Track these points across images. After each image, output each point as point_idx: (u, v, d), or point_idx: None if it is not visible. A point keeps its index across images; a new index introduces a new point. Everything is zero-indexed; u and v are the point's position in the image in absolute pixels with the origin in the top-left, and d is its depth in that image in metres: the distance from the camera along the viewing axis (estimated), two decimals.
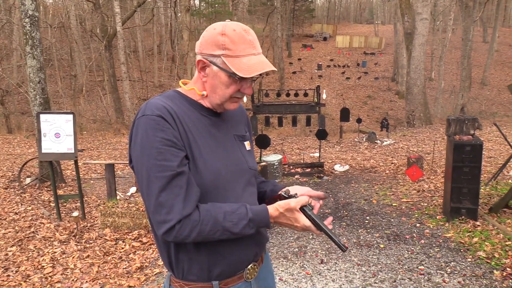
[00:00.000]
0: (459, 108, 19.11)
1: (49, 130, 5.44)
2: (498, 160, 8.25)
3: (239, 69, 1.27)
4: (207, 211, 1.25)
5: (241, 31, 1.30)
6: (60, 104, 21.55)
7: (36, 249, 4.75)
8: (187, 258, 1.35)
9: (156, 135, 1.23)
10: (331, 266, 4.08)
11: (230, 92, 1.34)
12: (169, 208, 1.21)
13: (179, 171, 1.23)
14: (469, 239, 4.47)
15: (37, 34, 6.95)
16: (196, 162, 1.30)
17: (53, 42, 23.71)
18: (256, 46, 1.32)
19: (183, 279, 1.38)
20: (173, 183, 1.22)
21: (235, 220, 1.26)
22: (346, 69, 34.62)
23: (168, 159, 1.23)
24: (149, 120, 1.25)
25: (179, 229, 1.22)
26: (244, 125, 1.60)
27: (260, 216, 1.30)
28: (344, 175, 8.36)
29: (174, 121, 1.28)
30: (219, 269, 1.36)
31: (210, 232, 1.25)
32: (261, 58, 1.32)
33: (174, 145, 1.25)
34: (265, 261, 1.58)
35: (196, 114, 1.38)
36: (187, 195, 1.23)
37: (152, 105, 1.29)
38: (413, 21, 16.03)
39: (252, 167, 1.49)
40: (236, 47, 1.28)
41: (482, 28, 41.54)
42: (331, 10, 63.34)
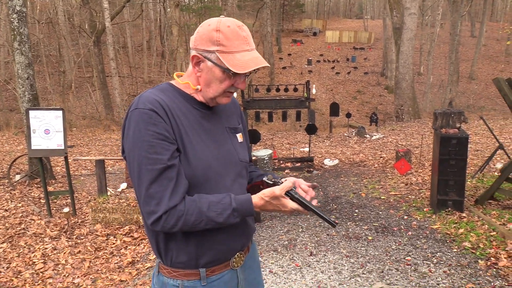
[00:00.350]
0: (447, 102, 19.32)
1: (38, 127, 5.43)
2: (484, 153, 8.39)
3: (233, 65, 1.30)
4: (192, 201, 1.29)
5: (235, 28, 1.32)
6: (49, 100, 21.36)
7: (27, 245, 4.75)
8: (175, 247, 1.40)
9: (147, 128, 1.27)
10: (320, 258, 4.15)
11: (224, 87, 1.37)
12: (158, 200, 1.26)
13: (169, 164, 1.27)
14: (455, 230, 4.57)
15: (25, 30, 6.90)
16: (187, 154, 1.34)
17: (41, 38, 23.46)
18: (250, 42, 1.35)
19: (171, 266, 1.43)
20: (163, 175, 1.27)
21: (219, 210, 1.30)
22: (335, 64, 34.74)
23: (159, 152, 1.27)
24: (141, 114, 1.28)
25: (165, 219, 1.27)
26: (237, 117, 1.63)
27: (244, 205, 1.33)
28: (334, 169, 8.44)
29: (166, 114, 1.31)
30: (206, 258, 1.41)
31: (195, 222, 1.29)
32: (254, 54, 1.35)
33: (165, 138, 1.28)
34: (252, 251, 1.62)
35: (188, 107, 1.41)
36: (176, 187, 1.28)
37: (145, 99, 1.32)
38: (401, 16, 16.16)
39: (243, 159, 1.52)
40: (230, 43, 1.31)
41: (470, 23, 41.91)
42: (320, 5, 63.36)
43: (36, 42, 22.70)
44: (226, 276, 1.48)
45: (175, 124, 1.33)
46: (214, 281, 1.44)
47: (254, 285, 1.62)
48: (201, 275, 1.42)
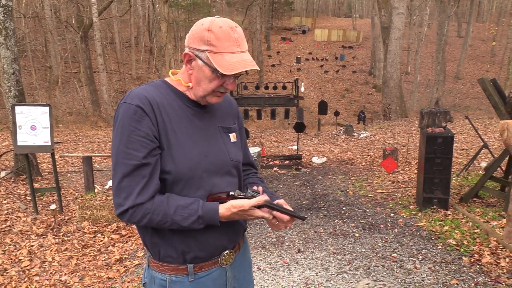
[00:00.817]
0: (433, 101, 19.54)
1: (24, 123, 5.36)
2: (469, 152, 8.52)
3: (220, 65, 1.31)
4: (161, 202, 1.32)
5: (227, 29, 1.33)
6: (35, 96, 21.06)
7: (13, 242, 4.70)
8: (162, 242, 1.42)
9: (130, 124, 1.30)
10: (308, 255, 4.19)
11: (212, 86, 1.38)
12: (127, 194, 1.30)
13: (144, 162, 1.30)
14: (440, 228, 4.65)
15: (10, 24, 6.80)
16: (173, 150, 1.35)
17: (26, 32, 23.11)
18: (241, 44, 1.36)
19: (160, 260, 1.46)
20: (136, 172, 1.30)
21: (185, 215, 1.32)
22: (324, 62, 34.87)
23: (136, 148, 1.30)
24: (127, 108, 1.32)
25: (131, 213, 1.31)
26: (232, 117, 1.63)
27: (209, 214, 1.34)
28: (322, 167, 8.50)
29: (153, 111, 1.33)
30: (194, 254, 1.43)
31: (161, 222, 1.32)
32: (244, 56, 1.35)
33: (146, 136, 1.31)
34: (243, 250, 1.64)
35: (180, 104, 1.43)
36: (146, 185, 1.31)
37: (135, 94, 1.35)
38: (389, 15, 16.29)
39: (234, 159, 1.52)
40: (220, 44, 1.31)
41: (457, 23, 42.40)
42: (310, 3, 63.45)
43: (22, 37, 22.36)
44: (215, 273, 1.49)
45: (162, 121, 1.35)
46: (202, 277, 1.46)
47: (243, 284, 1.63)
48: (189, 270, 1.44)
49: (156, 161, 1.33)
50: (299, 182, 7.29)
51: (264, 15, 37.07)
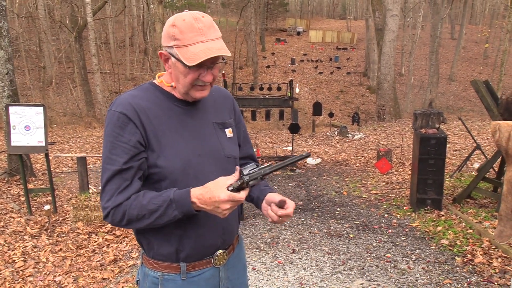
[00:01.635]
0: (427, 102, 19.67)
1: (18, 123, 5.34)
2: (463, 153, 8.59)
3: (186, 58, 1.30)
4: (136, 196, 1.33)
5: (191, 20, 1.32)
6: (29, 96, 20.95)
7: (6, 243, 4.68)
8: (156, 239, 1.43)
9: (114, 130, 1.33)
10: (303, 255, 4.21)
11: (188, 81, 1.36)
12: (109, 197, 1.33)
13: (124, 167, 1.32)
14: (434, 228, 4.68)
15: (4, 24, 6.77)
16: (164, 151, 1.36)
17: (20, 32, 22.98)
18: (207, 32, 1.32)
19: (153, 257, 1.46)
20: (118, 176, 1.32)
21: (159, 202, 1.30)
22: (319, 63, 34.98)
23: (118, 154, 1.32)
24: (112, 115, 1.35)
25: (112, 214, 1.33)
26: (228, 111, 1.61)
27: (182, 195, 1.29)
28: (316, 168, 8.53)
29: (138, 116, 1.34)
30: (186, 252, 1.43)
31: (139, 216, 1.31)
32: (209, 45, 1.31)
33: (127, 142, 1.32)
34: (237, 251, 1.63)
35: (169, 105, 1.43)
36: (127, 187, 1.33)
37: (120, 101, 1.37)
38: (383, 17, 16.37)
39: (229, 155, 1.51)
40: (184, 36, 1.31)
41: (450, 25, 42.70)
42: (304, 4, 63.65)
43: (16, 37, 22.23)
44: (207, 273, 1.49)
45: (150, 124, 1.36)
46: (195, 276, 1.46)
47: (237, 286, 1.63)
48: (182, 269, 1.44)
49: (139, 165, 1.34)
50: (293, 183, 7.32)
51: (259, 16, 37.12)
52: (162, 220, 1.31)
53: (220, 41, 1.36)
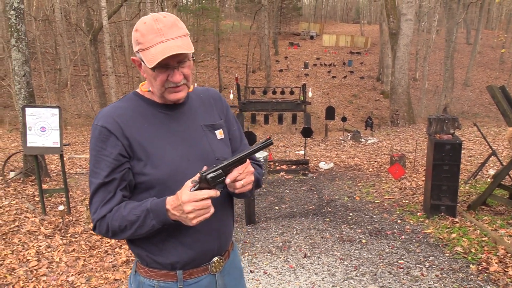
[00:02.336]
0: (442, 108, 19.45)
1: (34, 124, 5.42)
2: (478, 160, 8.46)
3: (147, 60, 1.29)
4: (118, 208, 1.33)
5: (151, 22, 1.30)
6: (44, 98, 21.26)
7: (21, 243, 4.74)
8: (152, 247, 1.41)
9: (96, 144, 1.35)
10: (314, 260, 4.18)
11: (159, 83, 1.35)
12: (95, 210, 1.34)
13: (106, 180, 1.33)
14: (448, 235, 4.62)
15: (22, 27, 6.89)
16: (152, 158, 1.36)
17: (37, 35, 23.36)
18: (166, 32, 1.29)
19: (148, 266, 1.44)
20: (101, 189, 1.34)
21: (138, 213, 1.29)
22: (332, 68, 34.86)
23: (101, 167, 1.34)
24: (94, 129, 1.36)
25: (98, 226, 1.35)
26: (217, 112, 1.58)
27: (158, 205, 1.28)
28: (329, 172, 8.48)
29: (120, 129, 1.34)
30: (183, 260, 1.41)
31: (121, 227, 1.31)
32: (168, 44, 1.28)
33: (109, 155, 1.33)
34: (232, 257, 1.61)
35: (153, 111, 1.42)
36: (110, 199, 1.33)
37: (102, 114, 1.38)
38: (398, 21, 16.27)
39: (220, 157, 1.46)
40: (145, 39, 1.30)
41: (466, 30, 42.23)
42: (318, 8, 63.60)
43: (33, 39, 22.60)
44: (204, 281, 1.47)
45: (133, 135, 1.36)
46: (191, 284, 1.44)
47: None
48: (178, 277, 1.42)
49: (122, 176, 1.34)
50: (306, 187, 7.29)
51: (272, 20, 37.19)
52: (142, 230, 1.30)
53: (182, 39, 1.32)
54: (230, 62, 35.63)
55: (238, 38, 40.56)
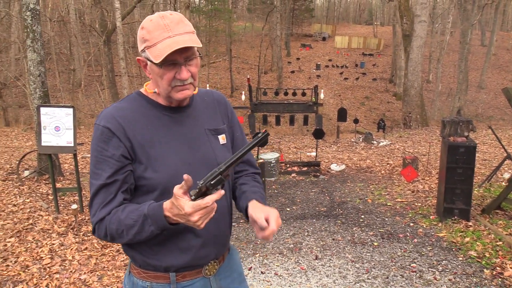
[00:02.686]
0: (455, 110, 19.24)
1: (49, 123, 5.48)
2: (492, 163, 8.35)
3: (154, 56, 1.26)
4: (116, 210, 1.30)
5: (157, 19, 1.28)
6: (58, 98, 21.54)
7: (35, 240, 4.80)
8: (146, 248, 1.39)
9: (98, 144, 1.32)
10: (326, 262, 4.16)
11: (165, 82, 1.32)
12: (94, 212, 1.32)
13: (107, 182, 1.30)
14: (461, 239, 4.56)
15: (38, 28, 6.98)
16: (153, 161, 1.33)
17: (52, 36, 23.67)
18: (174, 28, 1.27)
19: (141, 267, 1.43)
20: (103, 190, 1.31)
21: (135, 217, 1.25)
22: (344, 69, 34.71)
23: (102, 168, 1.31)
24: (96, 130, 1.34)
25: (97, 230, 1.33)
26: (221, 116, 1.55)
27: (155, 210, 1.24)
28: (340, 174, 8.44)
29: (123, 129, 1.32)
30: (177, 263, 1.39)
31: (118, 230, 1.28)
32: (176, 39, 1.26)
33: (111, 156, 1.30)
34: (228, 261, 1.58)
35: (156, 113, 1.39)
36: (110, 201, 1.30)
37: (104, 114, 1.35)
38: (411, 23, 16.13)
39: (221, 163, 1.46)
40: (151, 36, 1.27)
41: (480, 32, 41.73)
42: (330, 10, 63.40)
43: (47, 40, 22.91)
44: (198, 284, 1.45)
45: (135, 136, 1.33)
46: (185, 287, 1.43)
47: None
48: (171, 279, 1.40)
49: (124, 178, 1.32)
50: (317, 189, 7.26)
51: (285, 22, 37.16)
52: (141, 236, 1.27)
53: (189, 35, 1.29)
54: (242, 63, 35.70)
55: (250, 39, 40.62)
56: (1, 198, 6.31)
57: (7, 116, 18.20)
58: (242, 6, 51.26)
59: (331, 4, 64.11)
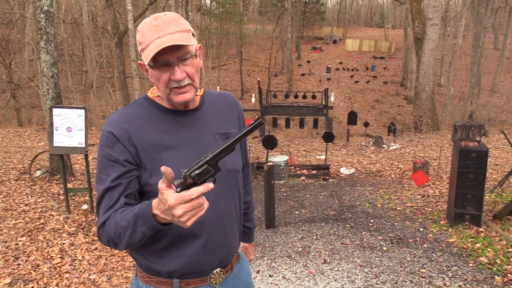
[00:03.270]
0: (467, 114, 19.04)
1: (61, 124, 5.55)
2: (504, 168, 8.25)
3: (145, 58, 1.25)
4: (115, 214, 1.27)
5: (151, 20, 1.27)
6: (70, 99, 21.77)
7: (46, 240, 4.85)
8: (149, 253, 1.38)
9: (103, 149, 1.32)
10: (334, 266, 4.15)
11: (163, 84, 1.29)
12: (99, 217, 1.31)
13: (111, 185, 1.29)
14: (472, 245, 4.51)
15: (51, 30, 7.07)
16: (157, 167, 1.29)
17: (65, 37, 23.95)
18: (164, 28, 1.25)
19: (145, 271, 1.42)
20: (106, 195, 1.30)
21: (128, 218, 1.21)
22: (355, 72, 34.58)
23: (107, 173, 1.30)
24: (102, 135, 1.33)
25: (101, 235, 1.31)
26: (232, 121, 1.53)
27: (145, 209, 1.17)
28: (350, 178, 8.40)
29: (128, 135, 1.31)
30: (180, 269, 1.37)
31: (116, 234, 1.25)
32: (165, 38, 1.23)
33: (116, 161, 1.29)
34: (236, 270, 1.54)
35: (163, 117, 1.37)
36: (112, 206, 1.29)
37: (110, 120, 1.35)
38: (423, 26, 16.02)
39: (231, 168, 1.42)
40: (145, 38, 1.26)
41: (494, 35, 41.29)
42: (341, 13, 63.24)
43: (60, 42, 23.19)
44: None
45: (141, 143, 1.32)
46: None
47: None
48: (174, 285, 1.38)
49: (128, 182, 1.30)
50: (326, 192, 7.24)
51: (295, 24, 37.17)
52: (135, 238, 1.21)
53: (180, 33, 1.26)
54: (253, 66, 35.74)
55: (261, 42, 40.65)
56: (14, 197, 6.39)
57: (20, 116, 18.43)
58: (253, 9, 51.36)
59: (342, 7, 63.95)
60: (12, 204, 6.08)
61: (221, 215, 1.38)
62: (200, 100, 1.47)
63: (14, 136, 13.74)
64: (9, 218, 5.46)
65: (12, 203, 6.12)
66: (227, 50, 35.38)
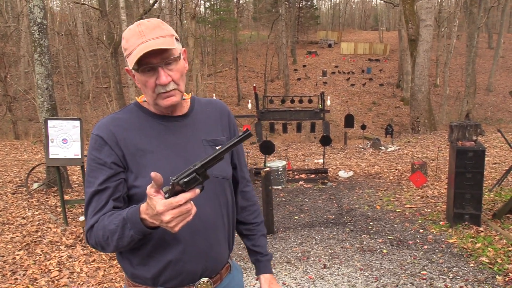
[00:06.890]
0: (464, 114, 19.09)
1: (56, 136, 5.53)
2: (502, 166, 8.25)
3: (130, 62, 1.27)
4: (103, 217, 1.27)
5: (135, 27, 1.29)
6: (67, 110, 21.75)
7: (43, 253, 4.81)
8: (134, 260, 1.37)
9: (91, 153, 1.33)
10: (334, 270, 4.12)
11: (149, 89, 1.31)
12: (88, 220, 1.31)
13: (99, 188, 1.30)
14: (472, 245, 4.49)
15: (45, 42, 7.06)
16: (142, 171, 1.31)
17: (60, 49, 23.98)
18: (148, 33, 1.27)
19: (131, 279, 1.41)
20: (95, 198, 1.31)
21: (116, 222, 1.21)
22: (351, 75, 34.70)
23: (95, 176, 1.31)
24: (91, 139, 1.36)
25: (89, 238, 1.31)
26: (221, 128, 1.52)
27: (133, 213, 1.18)
28: (348, 181, 8.39)
29: (115, 139, 1.32)
30: (164, 277, 1.37)
31: (104, 237, 1.24)
32: (148, 43, 1.25)
33: (104, 164, 1.31)
34: (227, 281, 1.52)
35: (151, 122, 1.39)
36: (101, 209, 1.29)
37: (99, 124, 1.37)
38: (417, 27, 16.10)
39: (218, 175, 1.41)
40: (129, 44, 1.28)
41: (487, 34, 41.52)
42: (336, 17, 63.53)
43: (56, 53, 23.21)
44: None
45: (128, 147, 1.33)
46: None
47: None
48: None
49: (116, 186, 1.31)
50: (325, 196, 7.22)
51: (290, 29, 37.30)
52: (123, 242, 1.21)
53: (163, 38, 1.28)
54: (248, 72, 35.82)
55: (256, 48, 40.78)
56: (11, 211, 6.35)
57: (17, 129, 18.39)
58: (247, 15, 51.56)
59: (336, 11, 64.29)
60: (9, 218, 6.03)
61: (206, 222, 1.36)
62: (189, 108, 1.47)
63: (11, 149, 13.69)
64: (6, 232, 5.42)
65: (9, 216, 6.08)
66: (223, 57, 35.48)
